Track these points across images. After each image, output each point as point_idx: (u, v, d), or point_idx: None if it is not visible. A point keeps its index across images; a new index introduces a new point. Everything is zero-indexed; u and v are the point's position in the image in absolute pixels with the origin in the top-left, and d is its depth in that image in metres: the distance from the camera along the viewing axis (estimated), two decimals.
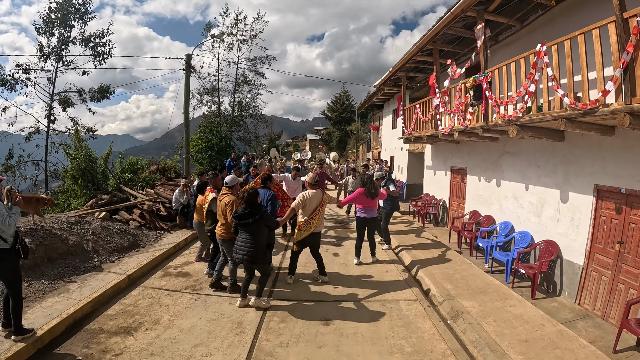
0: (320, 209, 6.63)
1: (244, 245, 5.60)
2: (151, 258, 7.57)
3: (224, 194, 6.23)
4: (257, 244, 5.58)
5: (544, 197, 7.40)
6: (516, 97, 6.32)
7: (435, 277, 7.03)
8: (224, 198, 6.14)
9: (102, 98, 19.11)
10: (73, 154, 11.66)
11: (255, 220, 5.53)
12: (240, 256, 5.63)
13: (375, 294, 6.41)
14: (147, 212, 9.84)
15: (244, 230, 5.62)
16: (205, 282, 6.68)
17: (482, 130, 7.59)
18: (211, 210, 6.75)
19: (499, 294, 6.38)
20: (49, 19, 17.90)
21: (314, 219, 6.58)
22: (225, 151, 21.08)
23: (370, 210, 7.97)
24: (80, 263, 7.06)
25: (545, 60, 5.72)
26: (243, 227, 5.60)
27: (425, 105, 10.84)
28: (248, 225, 5.54)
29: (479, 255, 8.77)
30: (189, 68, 14.36)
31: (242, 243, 5.62)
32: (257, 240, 5.59)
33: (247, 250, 5.57)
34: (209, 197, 6.84)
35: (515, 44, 8.60)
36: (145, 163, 14.98)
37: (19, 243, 4.49)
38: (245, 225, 5.57)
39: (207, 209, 6.82)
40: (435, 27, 8.54)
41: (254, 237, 5.58)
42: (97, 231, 8.06)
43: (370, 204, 7.88)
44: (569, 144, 6.76)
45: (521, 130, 6.43)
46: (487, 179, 9.56)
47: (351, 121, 52.75)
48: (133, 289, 6.42)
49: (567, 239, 6.71)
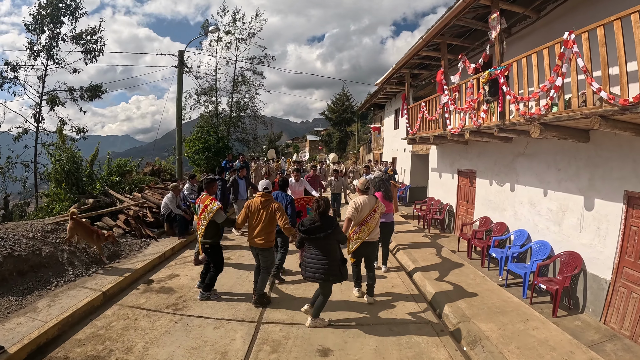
0: (372, 215, 6.02)
1: (315, 261, 5.06)
2: (132, 271, 6.85)
3: (264, 200, 5.84)
4: (331, 260, 5.04)
5: (566, 203, 6.76)
6: (540, 93, 5.64)
7: (447, 294, 6.32)
8: (272, 204, 5.82)
9: (94, 97, 18.44)
10: (57, 155, 10.96)
11: (328, 235, 4.99)
12: (312, 274, 5.08)
13: (381, 316, 5.68)
14: (133, 218, 9.13)
15: (313, 246, 5.10)
16: (189, 300, 5.96)
17: (498, 130, 6.90)
18: (214, 222, 6.01)
19: (519, 313, 5.67)
20: (39, 16, 17.26)
21: (365, 225, 5.97)
22: (222, 152, 20.42)
23: (388, 215, 7.44)
24: (53, 276, 6.35)
25: (574, 50, 5.04)
26: (313, 242, 5.08)
27: (432, 103, 10.17)
28: (319, 240, 5.01)
29: (492, 266, 8.10)
30: (182, 64, 13.67)
31: (312, 259, 5.08)
32: (330, 256, 5.05)
33: (319, 267, 5.03)
34: (212, 206, 5.99)
35: (529, 37, 7.97)
36: (134, 165, 14.27)
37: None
38: (315, 240, 5.04)
39: (210, 219, 5.97)
40: (444, 18, 7.86)
41: (326, 253, 5.04)
42: (74, 240, 7.35)
43: (388, 207, 7.32)
44: (594, 145, 6.13)
45: (544, 129, 5.74)
46: (499, 183, 8.87)
47: (351, 122, 52.25)
48: (108, 308, 5.70)
49: (592, 251, 6.09)
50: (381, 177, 7.61)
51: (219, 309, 5.68)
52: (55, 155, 11.00)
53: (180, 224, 9.01)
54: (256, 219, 5.80)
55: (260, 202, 5.82)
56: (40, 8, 17.15)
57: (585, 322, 5.69)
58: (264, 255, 5.86)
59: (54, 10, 17.04)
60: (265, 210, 5.78)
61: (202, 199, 6.13)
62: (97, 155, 12.68)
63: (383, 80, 14.09)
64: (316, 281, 5.15)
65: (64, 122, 17.26)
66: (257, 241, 5.78)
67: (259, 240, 5.77)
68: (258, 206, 5.82)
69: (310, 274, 5.09)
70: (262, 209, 5.79)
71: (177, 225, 9.06)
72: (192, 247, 8.88)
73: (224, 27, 24.73)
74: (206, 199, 6.08)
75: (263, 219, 5.76)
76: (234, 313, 5.54)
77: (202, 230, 5.98)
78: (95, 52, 17.77)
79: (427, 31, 8.86)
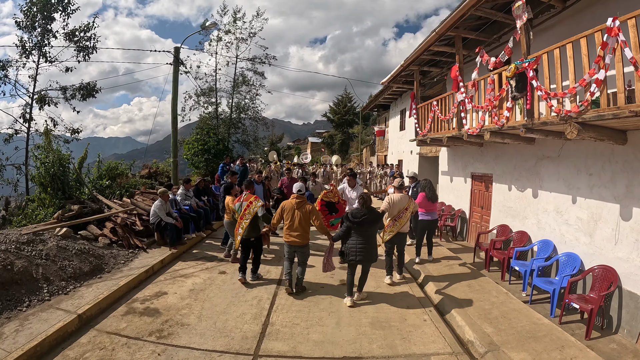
0: (404, 212, 7.07)
1: (362, 246, 5.97)
2: (114, 289, 6.08)
3: (299, 201, 6.47)
4: (374, 245, 6.14)
5: (598, 212, 6.07)
6: (578, 87, 4.92)
7: (469, 316, 5.59)
8: (306, 205, 6.46)
9: (87, 97, 17.76)
10: (42, 157, 10.25)
11: (373, 224, 6.06)
12: (361, 257, 5.99)
13: (396, 347, 4.92)
14: (121, 226, 8.39)
15: (359, 234, 6.00)
16: (176, 325, 5.21)
17: (525, 130, 6.17)
18: (256, 217, 6.81)
19: (552, 339, 4.96)
20: (29, 12, 16.62)
21: (398, 221, 7.05)
22: (222, 154, 19.78)
23: (432, 213, 8.38)
24: (25, 295, 5.62)
25: (620, 39, 4.33)
26: (361, 230, 5.99)
27: (445, 101, 9.45)
28: (367, 228, 6.01)
29: (513, 279, 7.39)
30: (177, 62, 12.98)
31: (360, 245, 5.98)
32: (373, 241, 6.16)
33: (367, 251, 5.99)
34: (257, 202, 6.84)
35: (554, 29, 7.32)
36: (126, 167, 13.53)
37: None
38: (364, 229, 5.99)
39: (254, 216, 6.78)
40: (461, 7, 7.19)
41: (371, 239, 6.10)
42: (51, 253, 6.60)
43: (432, 207, 8.33)
44: (633, 148, 5.45)
45: (582, 130, 5.03)
46: (520, 188, 8.15)
47: (354, 124, 51.57)
48: (84, 333, 4.96)
49: (630, 265, 5.42)
50: (429, 181, 8.65)
51: (209, 337, 4.92)
52: (41, 158, 10.29)
53: (172, 233, 8.26)
54: (291, 219, 6.38)
55: (295, 203, 6.43)
56: (32, 4, 16.53)
57: (621, 345, 5.07)
58: (301, 252, 6.55)
59: (44, 6, 16.37)
60: (299, 211, 6.38)
61: (246, 197, 6.93)
62: (85, 157, 11.98)
63: (390, 78, 13.37)
64: (365, 263, 6.16)
65: (55, 123, 16.59)
66: (294, 239, 6.37)
67: (297, 239, 6.37)
68: (293, 207, 6.42)
69: (359, 258, 5.99)
70: (297, 210, 6.39)
71: (168, 234, 8.32)
72: (184, 259, 8.18)
73: (224, 27, 24.14)
74: (250, 196, 6.93)
75: (299, 219, 6.35)
76: (226, 343, 4.78)
77: (246, 224, 6.71)
78: (88, 50, 17.08)
79: (440, 23, 8.16)
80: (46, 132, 11.61)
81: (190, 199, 10.05)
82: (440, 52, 10.27)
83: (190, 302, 6.02)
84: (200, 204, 10.38)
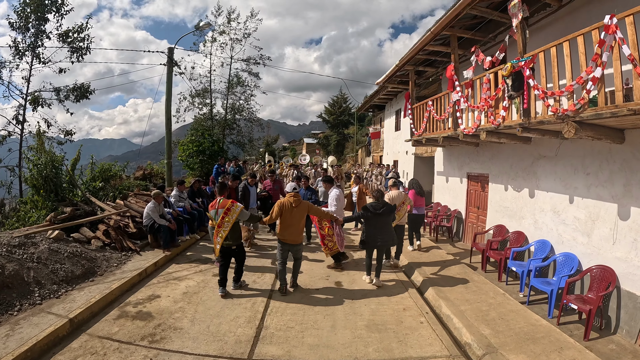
0: (402, 206, 8.04)
1: (383, 233, 6.90)
2: (106, 292, 5.97)
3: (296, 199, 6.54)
4: (392, 231, 7.13)
5: (596, 212, 6.02)
6: (575, 86, 4.87)
7: (467, 318, 5.52)
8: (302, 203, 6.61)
9: (81, 98, 17.55)
10: (35, 159, 10.11)
11: (390, 214, 7.03)
12: (383, 243, 6.93)
13: (393, 350, 4.83)
14: (113, 228, 8.27)
15: (377, 223, 6.86)
16: (169, 329, 5.11)
17: (521, 130, 6.12)
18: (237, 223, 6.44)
19: (551, 340, 4.91)
20: (23, 13, 16.43)
21: (396, 213, 7.71)
22: (217, 155, 19.67)
23: (420, 208, 9.39)
24: (16, 299, 5.51)
25: (618, 36, 4.29)
26: (380, 219, 6.85)
27: (440, 101, 9.39)
28: (385, 217, 6.90)
29: (510, 280, 7.32)
30: (171, 62, 12.86)
31: (380, 232, 6.87)
32: (391, 228, 7.16)
33: (389, 236, 6.97)
34: (235, 207, 6.30)
35: (549, 28, 7.27)
36: (119, 169, 13.38)
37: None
38: (382, 218, 6.85)
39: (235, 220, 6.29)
40: (456, 6, 7.15)
41: (389, 227, 7.08)
42: (43, 256, 6.48)
43: (420, 202, 9.36)
44: (631, 147, 5.40)
45: (580, 129, 4.97)
46: (516, 188, 8.10)
47: (349, 124, 51.52)
48: (75, 338, 4.86)
49: (628, 266, 5.37)
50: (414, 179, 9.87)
51: (202, 341, 4.83)
52: (34, 160, 10.14)
53: (166, 235, 8.14)
54: (289, 217, 6.46)
55: (293, 201, 6.50)
56: (25, 5, 16.34)
57: (620, 345, 5.01)
58: (296, 249, 6.70)
59: (38, 6, 16.19)
60: (297, 209, 6.49)
61: (221, 203, 6.31)
62: (78, 159, 11.81)
63: (385, 78, 13.29)
64: (386, 246, 7.14)
65: (49, 124, 16.40)
66: (291, 237, 6.52)
67: (294, 237, 6.54)
68: (291, 205, 6.47)
69: (382, 242, 6.90)
70: (295, 208, 6.47)
71: (162, 237, 8.20)
72: (178, 262, 8.09)
73: (218, 27, 24.02)
74: (226, 202, 6.29)
75: (296, 217, 6.48)
76: (220, 347, 4.69)
77: (226, 233, 6.19)
78: (82, 51, 16.91)
79: (435, 22, 8.11)
80: (39, 134, 11.47)
81: (184, 200, 9.93)
82: (436, 52, 10.22)
83: (184, 306, 5.92)
84: (195, 205, 10.26)
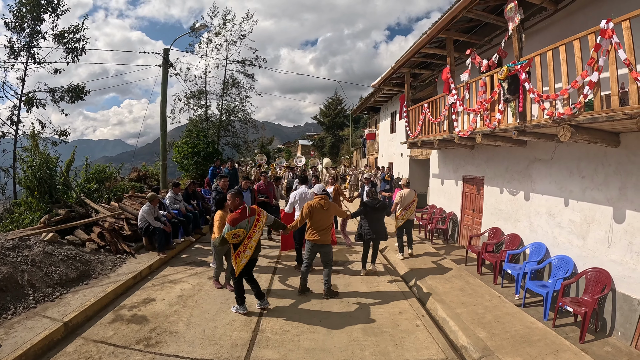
0: (412, 203, 8.86)
1: (375, 228, 7.54)
2: (101, 295, 5.92)
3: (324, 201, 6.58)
4: (383, 226, 7.76)
5: (591, 214, 6.05)
6: (570, 90, 4.89)
7: (463, 321, 5.52)
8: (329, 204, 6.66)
9: (76, 99, 17.43)
10: (29, 160, 10.02)
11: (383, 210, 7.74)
12: (375, 236, 7.56)
13: (389, 354, 4.82)
14: (108, 231, 8.21)
15: (372, 219, 7.52)
16: (164, 333, 5.06)
17: (517, 133, 6.14)
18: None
19: (547, 343, 4.92)
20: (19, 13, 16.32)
21: (408, 210, 8.79)
22: (212, 157, 19.62)
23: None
24: (10, 302, 5.44)
25: (614, 41, 4.32)
26: (375, 214, 7.55)
27: (436, 104, 9.41)
28: (379, 212, 7.63)
29: (505, 282, 7.33)
30: (166, 63, 12.80)
31: (376, 226, 7.56)
32: (383, 224, 7.75)
33: (379, 231, 7.60)
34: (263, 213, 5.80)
35: (545, 31, 7.31)
36: (114, 171, 13.28)
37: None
38: (377, 213, 7.57)
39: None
40: (453, 9, 7.16)
41: (381, 222, 7.70)
42: (37, 259, 6.41)
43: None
44: (626, 150, 5.43)
45: (575, 132, 4.99)
46: (511, 191, 8.13)
47: (344, 126, 51.46)
48: (70, 342, 4.81)
49: (623, 268, 5.40)
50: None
51: (198, 345, 4.80)
52: (28, 161, 10.06)
53: (161, 238, 8.09)
54: (319, 219, 6.49)
55: (323, 203, 6.56)
56: (21, 5, 16.24)
57: (616, 347, 5.04)
58: (325, 251, 6.62)
59: (34, 6, 16.09)
60: (326, 211, 6.57)
61: (249, 211, 5.58)
62: (73, 160, 11.71)
63: (380, 81, 13.32)
64: (380, 238, 7.68)
65: (43, 125, 16.27)
66: (322, 239, 6.50)
67: (324, 238, 6.53)
68: (320, 207, 6.52)
69: (375, 236, 7.54)
70: (324, 209, 6.53)
71: (157, 239, 8.15)
72: (173, 264, 8.02)
73: (214, 29, 23.94)
74: (253, 208, 5.70)
75: (325, 218, 6.55)
76: (216, 351, 4.66)
77: (256, 243, 5.64)
78: (77, 51, 16.81)
79: (431, 25, 8.13)
80: (33, 135, 11.37)
81: (179, 202, 9.87)
82: (431, 55, 10.23)
83: (179, 309, 5.88)
84: (190, 207, 10.21)
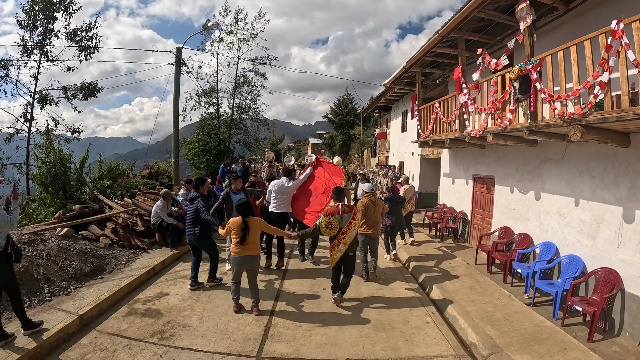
0: (412, 198, 10.28)
1: (399, 217, 8.88)
2: (115, 289, 6.07)
3: (373, 198, 7.36)
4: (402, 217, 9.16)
5: (601, 214, 6.02)
6: (581, 90, 4.90)
7: (472, 318, 5.57)
8: (378, 201, 7.53)
9: (89, 96, 17.66)
10: (43, 157, 10.20)
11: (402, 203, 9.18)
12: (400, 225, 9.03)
13: (399, 350, 4.89)
14: (122, 226, 8.37)
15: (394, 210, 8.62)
16: (178, 327, 5.18)
17: (528, 132, 6.15)
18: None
19: (555, 341, 4.95)
20: (32, 12, 16.55)
21: (410, 203, 10.13)
22: (223, 155, 19.77)
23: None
24: (26, 295, 5.57)
25: (624, 41, 4.32)
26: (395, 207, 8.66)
27: (447, 103, 9.42)
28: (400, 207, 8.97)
29: (515, 282, 7.32)
30: (179, 62, 12.96)
31: (397, 217, 8.79)
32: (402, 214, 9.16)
33: (401, 220, 9.03)
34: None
35: (556, 32, 7.30)
36: (127, 167, 13.47)
37: (11, 246, 4.42)
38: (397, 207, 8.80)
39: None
40: (464, 9, 7.17)
41: (400, 213, 9.00)
42: (52, 253, 6.57)
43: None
44: (636, 150, 5.40)
45: (586, 132, 5.00)
46: (522, 190, 8.12)
47: (355, 125, 51.27)
48: (85, 334, 4.94)
49: (633, 268, 5.37)
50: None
51: (211, 338, 4.91)
52: (42, 158, 10.24)
53: (173, 234, 8.23)
54: (372, 215, 7.23)
55: (374, 200, 7.37)
56: (34, 3, 16.47)
57: (623, 347, 5.01)
58: (375, 242, 7.51)
59: (46, 5, 16.31)
60: (376, 206, 7.31)
61: (345, 208, 6.13)
62: (87, 157, 11.90)
63: (391, 80, 13.34)
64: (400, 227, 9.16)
65: (56, 122, 16.51)
66: (374, 231, 7.33)
67: (376, 230, 7.39)
68: (372, 203, 7.26)
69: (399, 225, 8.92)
70: (375, 205, 7.27)
71: (169, 235, 8.29)
72: (185, 260, 8.12)
73: (226, 27, 24.04)
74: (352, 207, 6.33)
75: (376, 214, 7.30)
76: (229, 345, 4.76)
77: (351, 239, 6.10)
78: (90, 49, 17.02)
79: (443, 25, 8.15)
80: (47, 132, 11.57)
81: None
82: (443, 54, 10.23)
83: (192, 304, 6.00)
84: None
